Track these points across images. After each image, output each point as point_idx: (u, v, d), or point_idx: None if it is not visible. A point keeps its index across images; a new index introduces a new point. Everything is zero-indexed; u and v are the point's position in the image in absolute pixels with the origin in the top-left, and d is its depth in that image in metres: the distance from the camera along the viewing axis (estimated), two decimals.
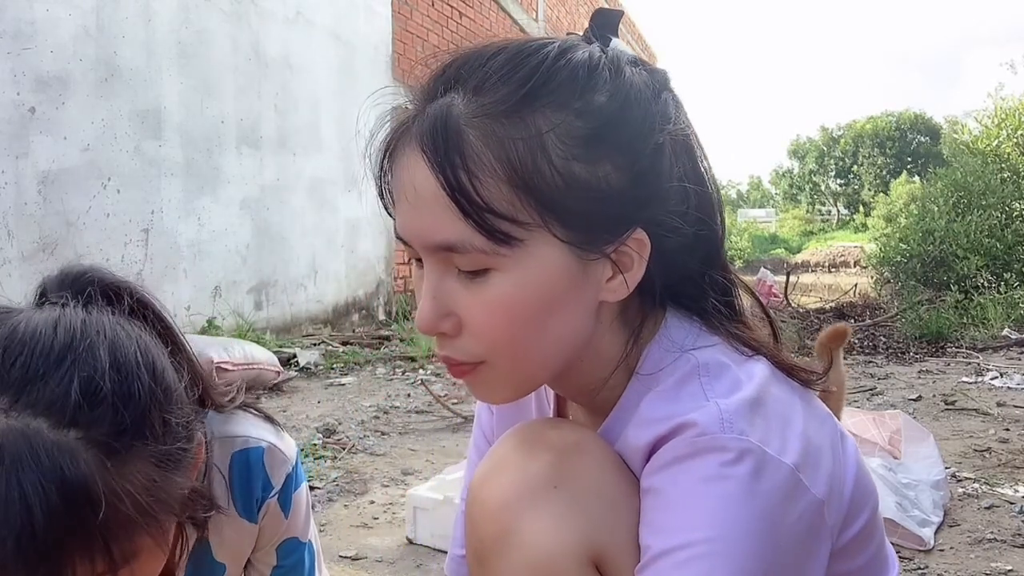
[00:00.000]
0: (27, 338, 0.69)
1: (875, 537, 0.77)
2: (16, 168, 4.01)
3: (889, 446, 2.40)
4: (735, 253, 29.94)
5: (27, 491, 0.62)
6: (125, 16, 4.63)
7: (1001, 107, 9.18)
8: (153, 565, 0.77)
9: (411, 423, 3.48)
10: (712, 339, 0.75)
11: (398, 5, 7.55)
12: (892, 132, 42.30)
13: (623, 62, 0.71)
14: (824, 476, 0.67)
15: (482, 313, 0.69)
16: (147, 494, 0.70)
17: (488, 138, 0.66)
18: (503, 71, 0.68)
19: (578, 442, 0.75)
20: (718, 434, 0.65)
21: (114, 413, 0.68)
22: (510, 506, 0.72)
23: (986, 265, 7.22)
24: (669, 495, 0.66)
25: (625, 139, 0.68)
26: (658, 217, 0.71)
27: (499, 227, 0.66)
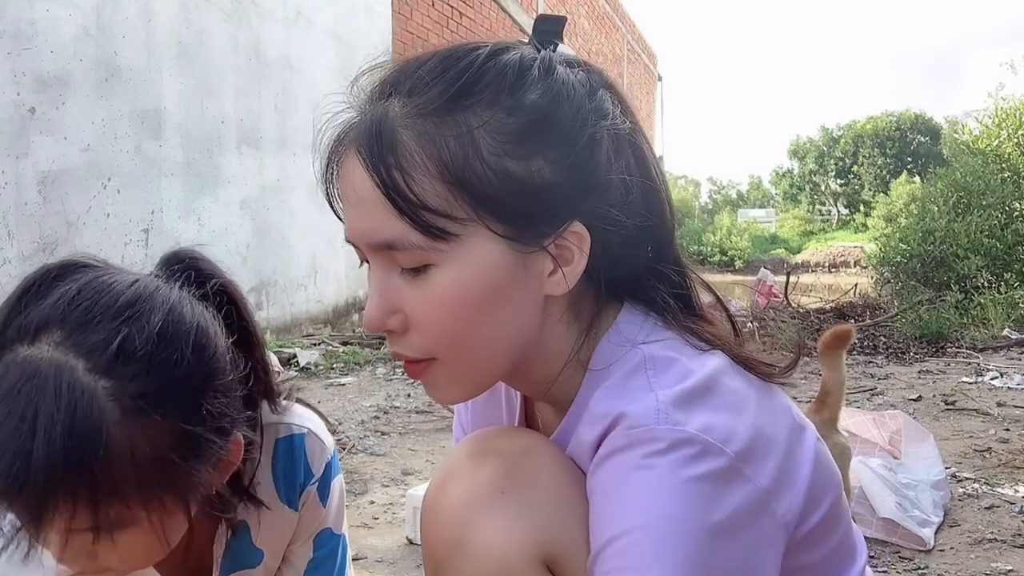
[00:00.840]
0: (100, 288, 0.75)
1: (839, 526, 0.78)
2: (16, 168, 4.01)
3: (889, 446, 2.40)
4: (735, 253, 29.92)
5: (39, 414, 0.67)
6: (125, 16, 4.63)
7: (1001, 107, 9.17)
8: (142, 547, 0.78)
9: (411, 423, 3.48)
10: (665, 334, 0.75)
11: (398, 5, 7.55)
12: (892, 132, 42.26)
13: (556, 62, 0.73)
14: (772, 467, 0.68)
15: (425, 308, 0.71)
16: (154, 466, 0.71)
17: (420, 137, 0.68)
18: (435, 73, 0.70)
19: (526, 447, 0.78)
20: (651, 425, 0.66)
21: (144, 376, 0.72)
22: (461, 514, 0.75)
23: (986, 265, 7.21)
24: (606, 488, 0.67)
25: (557, 134, 0.70)
26: (597, 210, 0.72)
27: (434, 223, 0.68)
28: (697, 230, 32.98)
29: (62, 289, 0.75)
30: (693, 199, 46.10)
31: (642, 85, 20.13)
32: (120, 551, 0.77)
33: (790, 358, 0.79)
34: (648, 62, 20.92)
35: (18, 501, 0.69)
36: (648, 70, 21.04)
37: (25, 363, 0.70)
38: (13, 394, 0.68)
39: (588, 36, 14.81)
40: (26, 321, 0.73)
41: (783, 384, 0.78)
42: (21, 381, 0.69)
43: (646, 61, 20.63)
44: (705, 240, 31.23)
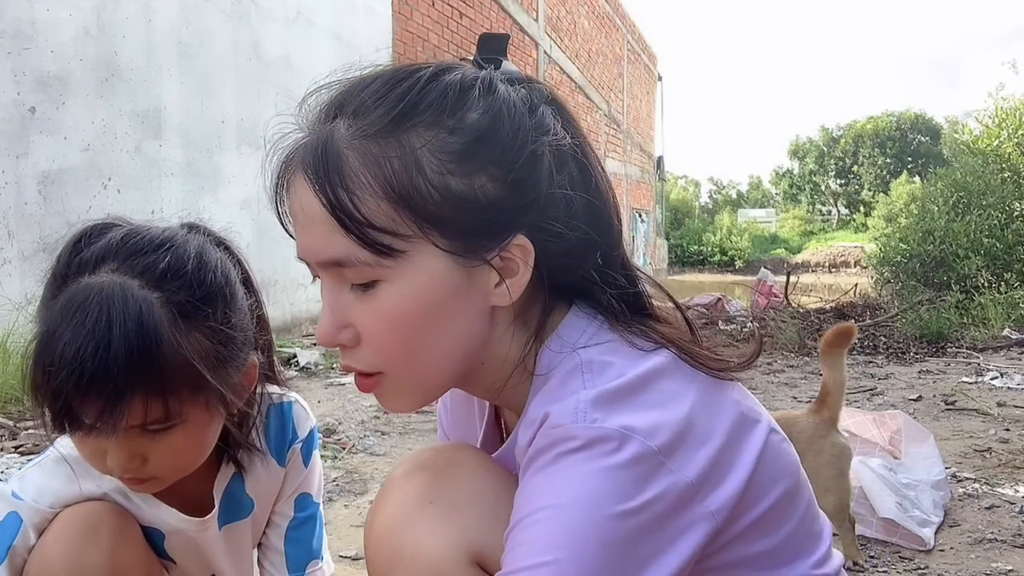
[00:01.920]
0: (140, 231, 0.94)
1: (792, 515, 0.79)
2: (16, 168, 4.02)
3: (889, 446, 2.40)
4: (735, 253, 29.93)
5: (113, 317, 0.83)
6: (125, 16, 4.63)
7: (1002, 107, 9.17)
8: (186, 449, 0.95)
9: (411, 423, 3.48)
10: (608, 336, 0.77)
11: (398, 5, 7.56)
12: (892, 132, 42.26)
13: (497, 80, 0.75)
14: (702, 460, 0.70)
15: (374, 322, 0.74)
16: (201, 362, 0.88)
17: (365, 158, 0.71)
18: (378, 95, 0.73)
19: (451, 459, 0.84)
20: (568, 424, 0.68)
21: (189, 288, 0.90)
22: (393, 528, 0.80)
23: (986, 265, 7.21)
24: (526, 485, 0.71)
25: (498, 151, 0.72)
26: (540, 223, 0.74)
27: (380, 240, 0.70)
28: (697, 230, 33.02)
29: (109, 235, 0.93)
30: (693, 199, 46.09)
31: (642, 85, 20.13)
32: (168, 452, 0.92)
33: (748, 353, 0.81)
34: (648, 62, 20.92)
35: (99, 388, 0.83)
36: (648, 70, 21.04)
37: (90, 285, 0.85)
38: (86, 306, 0.83)
39: (588, 36, 14.81)
40: (84, 259, 0.90)
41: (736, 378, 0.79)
42: (90, 297, 0.84)
43: (646, 61, 20.63)
44: (705, 240, 31.26)
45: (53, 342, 0.83)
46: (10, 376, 3.31)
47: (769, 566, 0.78)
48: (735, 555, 0.74)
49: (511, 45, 6.19)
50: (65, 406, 0.85)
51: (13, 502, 0.99)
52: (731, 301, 7.86)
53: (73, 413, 0.85)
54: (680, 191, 45.52)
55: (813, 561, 0.81)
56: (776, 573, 0.78)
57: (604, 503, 0.65)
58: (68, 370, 0.82)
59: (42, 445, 2.75)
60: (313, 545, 1.19)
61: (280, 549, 1.17)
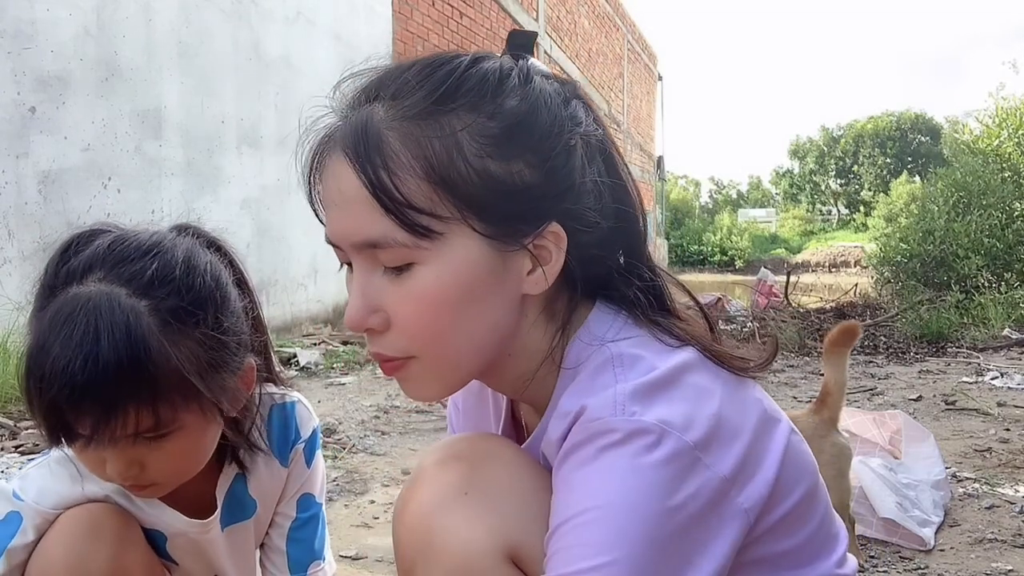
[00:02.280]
0: (128, 238, 0.92)
1: (814, 515, 0.79)
2: (16, 168, 4.02)
3: (889, 446, 2.40)
4: (735, 253, 29.90)
5: (100, 328, 0.82)
6: (125, 16, 4.63)
7: (1002, 107, 9.16)
8: (184, 456, 0.94)
9: (411, 423, 3.48)
10: (635, 331, 0.78)
11: (398, 5, 7.55)
12: (893, 132, 42.24)
13: (533, 72, 0.77)
14: (735, 456, 0.70)
15: (407, 306, 0.73)
16: (193, 369, 0.88)
17: (406, 139, 0.71)
18: (419, 78, 0.73)
19: (487, 450, 0.83)
20: (608, 417, 0.69)
21: (178, 294, 0.88)
22: (427, 517, 0.78)
23: (987, 265, 7.21)
24: (567, 479, 0.70)
25: (536, 138, 0.73)
26: (573, 211, 0.75)
27: (419, 221, 0.70)
28: (697, 230, 33.00)
29: (96, 243, 0.91)
30: (693, 199, 46.07)
31: (642, 85, 20.13)
32: (166, 459, 0.92)
33: (766, 354, 0.82)
34: (648, 62, 20.92)
35: (91, 401, 0.82)
36: (648, 70, 21.04)
37: (78, 296, 0.85)
38: (74, 317, 0.83)
39: (588, 36, 14.81)
40: (71, 268, 0.89)
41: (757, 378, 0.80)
42: (77, 308, 0.83)
43: (646, 61, 20.63)
44: (705, 240, 31.24)
45: (43, 356, 0.83)
46: (10, 376, 3.31)
47: (792, 565, 0.78)
48: (760, 553, 0.74)
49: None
50: (59, 419, 0.85)
51: (14, 502, 0.99)
52: (731, 301, 7.86)
53: (68, 426, 0.85)
54: (680, 191, 45.49)
55: (835, 560, 0.81)
56: (799, 573, 0.79)
57: (649, 501, 0.65)
58: (59, 384, 0.82)
59: (42, 445, 2.75)
60: (315, 545, 1.19)
61: (282, 549, 1.17)
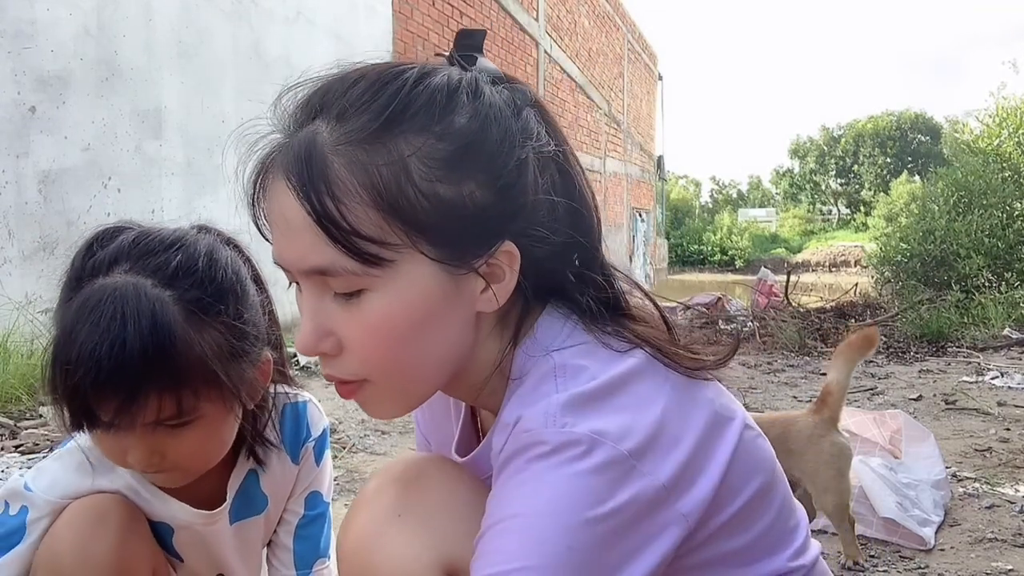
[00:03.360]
0: (151, 233, 0.96)
1: (767, 511, 0.79)
2: (16, 167, 4.02)
3: (890, 446, 2.40)
4: (735, 253, 29.90)
5: (127, 315, 0.85)
6: (126, 16, 4.63)
7: (1002, 106, 9.16)
8: (204, 444, 0.96)
9: (411, 422, 3.46)
10: (582, 337, 0.76)
11: (398, 5, 7.55)
12: (893, 132, 42.23)
13: (483, 82, 0.74)
14: (674, 463, 0.69)
15: (359, 333, 0.72)
16: (215, 357, 0.90)
17: (352, 165, 0.68)
18: (364, 98, 0.70)
19: (422, 470, 0.84)
20: (539, 429, 0.68)
21: (201, 285, 0.92)
22: (364, 543, 0.80)
23: (987, 265, 7.21)
24: (497, 490, 0.70)
25: (486, 157, 0.70)
26: (526, 229, 0.73)
27: (368, 250, 0.68)
28: (698, 229, 33.01)
29: (121, 237, 0.94)
30: (694, 199, 46.07)
31: (642, 85, 20.13)
32: (186, 448, 0.94)
33: (724, 352, 0.80)
34: (648, 62, 20.92)
35: (115, 385, 0.85)
36: (648, 70, 21.04)
37: (105, 286, 0.87)
38: (101, 305, 0.85)
39: (588, 35, 14.81)
40: (97, 261, 0.92)
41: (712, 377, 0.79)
42: (104, 297, 0.86)
43: (646, 61, 20.63)
44: (706, 239, 31.25)
45: (70, 342, 0.85)
46: (10, 376, 3.31)
47: (744, 562, 0.78)
48: (709, 554, 0.74)
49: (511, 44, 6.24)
50: (83, 404, 0.87)
51: (25, 494, 1.00)
52: (731, 300, 7.86)
53: (91, 411, 0.87)
54: (680, 190, 45.49)
55: (788, 554, 0.81)
56: (751, 569, 0.78)
57: (573, 509, 0.64)
58: (85, 368, 0.84)
59: (42, 444, 2.75)
60: (321, 543, 1.21)
61: (289, 546, 1.19)
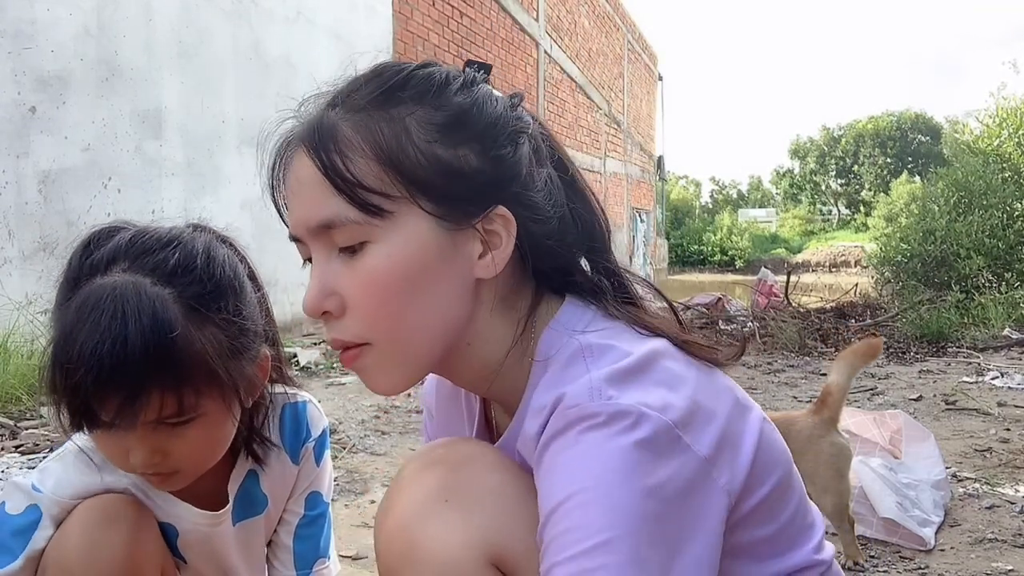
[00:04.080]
0: (148, 231, 0.95)
1: (787, 505, 0.80)
2: (17, 167, 4.02)
3: (890, 446, 2.40)
4: (735, 253, 29.89)
5: (128, 313, 0.84)
6: (126, 16, 4.63)
7: (1002, 107, 9.16)
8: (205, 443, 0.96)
9: (412, 423, 3.48)
10: (605, 323, 0.79)
11: (399, 5, 7.55)
12: (893, 132, 42.23)
13: (480, 80, 0.81)
14: (712, 437, 0.71)
15: (361, 285, 0.76)
16: (216, 354, 0.90)
17: (357, 126, 0.76)
18: (368, 79, 0.79)
19: (466, 455, 0.83)
20: (586, 403, 0.70)
21: (200, 283, 0.91)
22: (408, 525, 0.79)
23: (987, 265, 7.21)
24: (550, 467, 0.71)
25: (480, 128, 0.77)
26: (522, 198, 0.78)
27: (370, 200, 0.74)
28: (698, 230, 33.00)
29: (117, 237, 0.94)
30: (694, 199, 46.06)
31: (642, 85, 20.13)
32: (187, 447, 0.93)
33: (736, 348, 0.84)
34: (649, 62, 20.92)
35: (117, 383, 0.84)
36: (649, 70, 21.04)
37: (104, 285, 0.87)
38: (101, 304, 0.85)
39: (589, 36, 14.80)
40: (95, 261, 0.91)
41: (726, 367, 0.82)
42: (104, 296, 0.85)
43: (647, 61, 20.62)
44: (706, 240, 31.24)
45: (70, 342, 0.85)
46: (10, 376, 3.31)
47: (771, 553, 0.79)
48: (737, 541, 0.75)
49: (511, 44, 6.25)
50: (84, 404, 0.86)
51: (33, 495, 1.00)
52: (731, 301, 7.85)
53: (92, 411, 0.87)
54: (680, 191, 45.49)
55: (811, 548, 0.82)
56: (778, 561, 0.80)
57: (634, 479, 0.66)
58: (86, 367, 0.83)
59: (42, 444, 2.75)
60: (321, 543, 1.21)
61: (289, 546, 1.19)
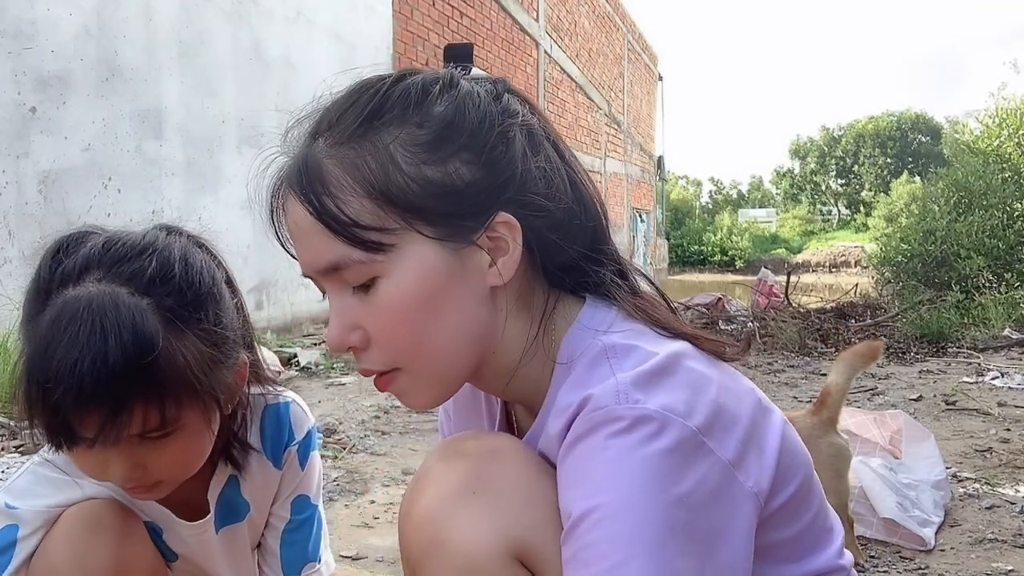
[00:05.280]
0: (121, 238, 0.91)
1: (809, 507, 0.80)
2: (17, 168, 4.02)
3: (890, 446, 2.40)
4: (736, 253, 29.88)
5: (107, 327, 0.81)
6: (126, 16, 4.63)
7: (1002, 107, 9.16)
8: (184, 454, 0.93)
9: (411, 423, 3.48)
10: (628, 324, 0.79)
11: (399, 5, 7.55)
12: (893, 132, 42.25)
13: (459, 77, 0.80)
14: (736, 441, 0.71)
15: (379, 319, 0.76)
16: (197, 366, 0.88)
17: (343, 162, 0.74)
18: (346, 105, 0.77)
19: (494, 448, 0.82)
20: (612, 406, 0.69)
21: (179, 292, 0.88)
22: (434, 516, 0.78)
23: (987, 265, 7.21)
24: (573, 472, 0.71)
25: (467, 135, 0.75)
26: (521, 199, 0.76)
27: (369, 238, 0.73)
28: (698, 230, 33.00)
29: (88, 244, 0.89)
30: (694, 199, 46.10)
31: (642, 85, 20.13)
32: (168, 459, 0.91)
33: (741, 342, 0.85)
34: (649, 62, 20.92)
35: (99, 400, 0.81)
36: (649, 70, 21.04)
37: (79, 297, 0.83)
38: (77, 318, 0.81)
39: (589, 36, 14.81)
40: (65, 270, 0.87)
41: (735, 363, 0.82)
42: (80, 309, 0.81)
43: (647, 61, 20.62)
44: (706, 240, 31.24)
45: (47, 358, 0.81)
46: (10, 376, 3.31)
47: (795, 556, 0.79)
48: (761, 541, 0.75)
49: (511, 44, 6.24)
50: (64, 422, 0.82)
51: (9, 513, 0.98)
52: (731, 301, 7.85)
53: (71, 429, 0.83)
54: (680, 191, 45.51)
55: (833, 552, 0.82)
56: (803, 564, 0.80)
57: (661, 489, 0.66)
58: (66, 385, 0.80)
59: (42, 445, 2.75)
60: (309, 548, 1.18)
61: (276, 551, 1.17)
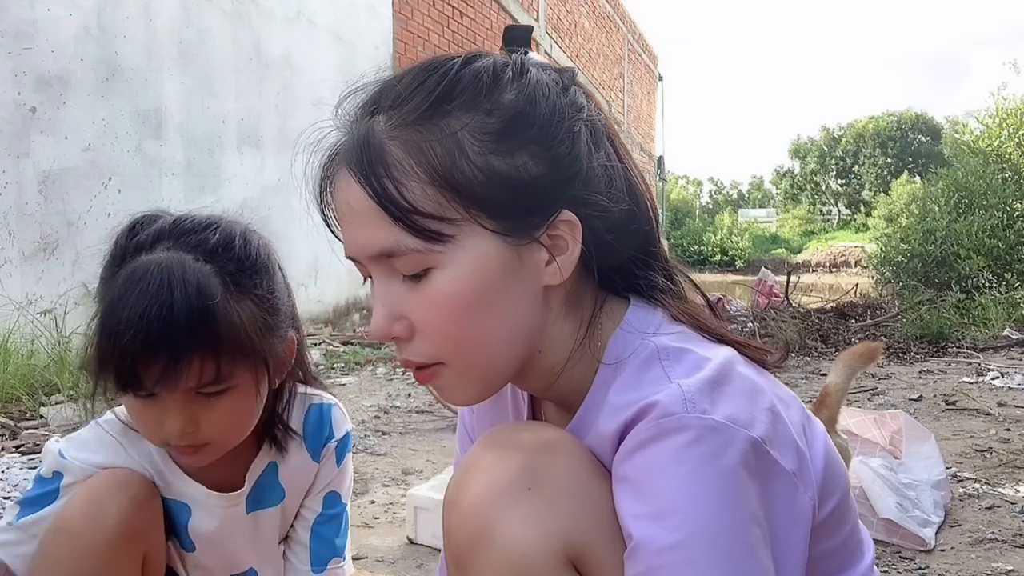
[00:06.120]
0: (188, 216, 1.03)
1: (848, 518, 0.79)
2: (17, 168, 4.02)
3: (890, 446, 2.40)
4: (736, 253, 29.89)
5: (173, 283, 0.91)
6: (126, 16, 4.63)
7: (1003, 107, 9.15)
8: (235, 416, 1.01)
9: (412, 423, 3.48)
10: (675, 327, 0.77)
11: (399, 5, 7.55)
12: (893, 132, 42.23)
13: (528, 64, 0.76)
14: (793, 450, 0.70)
15: (428, 312, 0.73)
16: (251, 326, 0.97)
17: (407, 145, 0.71)
18: (413, 85, 0.73)
19: (551, 442, 0.76)
20: (681, 414, 0.66)
21: (238, 261, 0.99)
22: (485, 509, 0.73)
23: (987, 265, 7.20)
24: (640, 481, 0.68)
25: (536, 129, 0.72)
26: (584, 197, 0.74)
27: (428, 226, 0.70)
28: (698, 230, 33.00)
29: (160, 220, 1.02)
30: (694, 199, 46.12)
31: (642, 85, 20.12)
32: (219, 418, 0.98)
33: (780, 349, 0.83)
34: (649, 62, 20.91)
35: (163, 347, 0.89)
36: (649, 70, 21.03)
37: (149, 260, 0.94)
38: (147, 276, 0.91)
39: (589, 36, 14.80)
40: (139, 241, 0.99)
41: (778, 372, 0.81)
42: (151, 269, 0.92)
43: (647, 61, 20.62)
44: (706, 240, 31.24)
45: (119, 308, 0.90)
46: (10, 376, 3.32)
47: (833, 568, 0.78)
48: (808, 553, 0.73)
49: None
50: (130, 367, 0.91)
51: (60, 462, 1.06)
52: (732, 301, 7.85)
53: (137, 375, 0.91)
54: (681, 191, 45.51)
55: (867, 564, 0.81)
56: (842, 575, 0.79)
57: (736, 508, 0.65)
58: (135, 330, 0.89)
59: (43, 444, 2.75)
60: (337, 543, 1.22)
61: (305, 543, 1.21)
